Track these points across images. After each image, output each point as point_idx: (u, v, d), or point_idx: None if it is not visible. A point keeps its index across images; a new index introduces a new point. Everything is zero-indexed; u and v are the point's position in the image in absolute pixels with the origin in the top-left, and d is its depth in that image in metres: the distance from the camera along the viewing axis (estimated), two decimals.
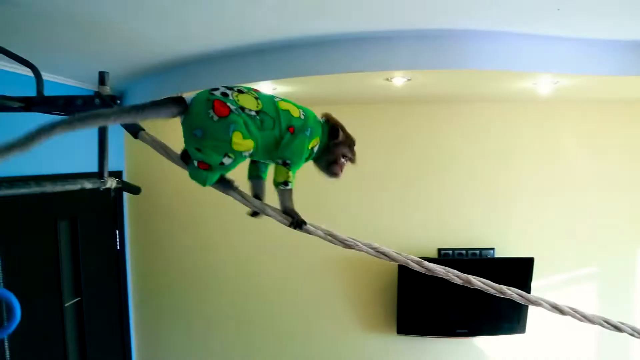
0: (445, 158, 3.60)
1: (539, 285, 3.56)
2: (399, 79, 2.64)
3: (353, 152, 1.46)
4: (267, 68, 2.78)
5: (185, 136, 1.27)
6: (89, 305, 3.42)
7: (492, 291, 1.56)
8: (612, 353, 3.60)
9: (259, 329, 3.79)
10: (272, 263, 3.71)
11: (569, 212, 3.57)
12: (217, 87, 1.28)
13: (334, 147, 1.42)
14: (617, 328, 1.59)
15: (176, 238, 3.87)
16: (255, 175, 1.46)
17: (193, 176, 1.31)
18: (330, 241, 1.47)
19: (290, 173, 1.36)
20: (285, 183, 1.36)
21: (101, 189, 1.92)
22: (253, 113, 1.26)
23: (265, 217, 1.44)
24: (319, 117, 1.43)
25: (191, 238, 3.85)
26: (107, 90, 1.64)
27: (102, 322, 3.69)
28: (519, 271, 3.50)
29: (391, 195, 3.62)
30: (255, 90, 1.33)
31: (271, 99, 1.33)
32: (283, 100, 1.35)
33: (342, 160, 1.43)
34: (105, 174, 1.89)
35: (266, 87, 2.95)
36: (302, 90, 3.05)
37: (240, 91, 1.28)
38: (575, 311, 1.59)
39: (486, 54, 2.56)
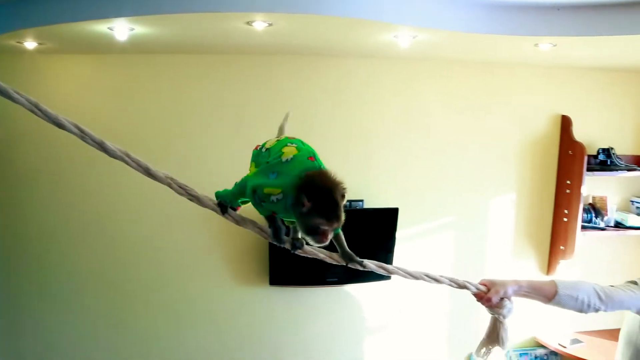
0: (313, 112, 3.63)
1: (404, 234, 3.79)
2: (259, 23, 2.59)
3: (331, 221, 1.24)
4: (121, 3, 2.58)
5: None
6: None
7: (321, 256, 1.63)
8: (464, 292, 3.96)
9: (126, 285, 3.64)
10: (139, 216, 3.56)
11: (430, 165, 3.81)
12: None
13: (302, 216, 1.26)
14: (437, 280, 1.74)
15: (35, 195, 3.55)
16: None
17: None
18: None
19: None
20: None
21: None
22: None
23: None
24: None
25: (52, 194, 3.55)
26: None
27: None
28: (386, 221, 3.70)
29: None
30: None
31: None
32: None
33: (322, 228, 1.25)
34: None
35: (122, 26, 2.75)
36: (161, 34, 2.89)
37: None
38: (399, 269, 1.71)
39: (347, 1, 2.58)
